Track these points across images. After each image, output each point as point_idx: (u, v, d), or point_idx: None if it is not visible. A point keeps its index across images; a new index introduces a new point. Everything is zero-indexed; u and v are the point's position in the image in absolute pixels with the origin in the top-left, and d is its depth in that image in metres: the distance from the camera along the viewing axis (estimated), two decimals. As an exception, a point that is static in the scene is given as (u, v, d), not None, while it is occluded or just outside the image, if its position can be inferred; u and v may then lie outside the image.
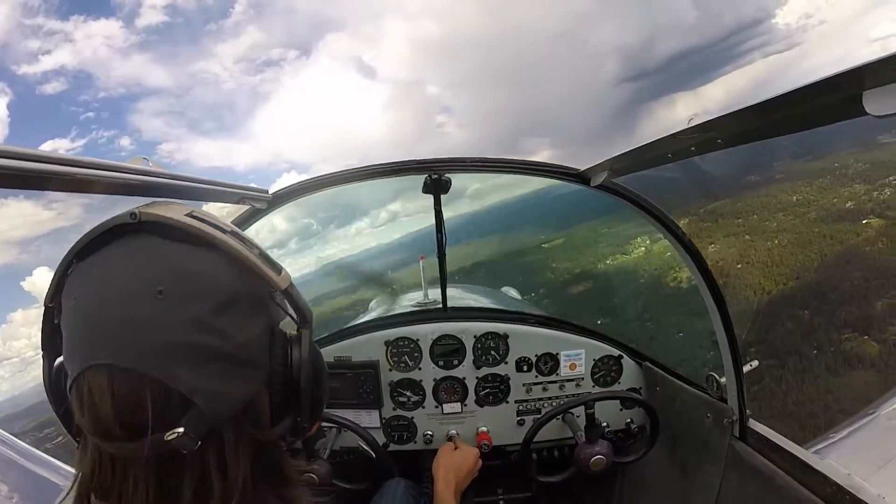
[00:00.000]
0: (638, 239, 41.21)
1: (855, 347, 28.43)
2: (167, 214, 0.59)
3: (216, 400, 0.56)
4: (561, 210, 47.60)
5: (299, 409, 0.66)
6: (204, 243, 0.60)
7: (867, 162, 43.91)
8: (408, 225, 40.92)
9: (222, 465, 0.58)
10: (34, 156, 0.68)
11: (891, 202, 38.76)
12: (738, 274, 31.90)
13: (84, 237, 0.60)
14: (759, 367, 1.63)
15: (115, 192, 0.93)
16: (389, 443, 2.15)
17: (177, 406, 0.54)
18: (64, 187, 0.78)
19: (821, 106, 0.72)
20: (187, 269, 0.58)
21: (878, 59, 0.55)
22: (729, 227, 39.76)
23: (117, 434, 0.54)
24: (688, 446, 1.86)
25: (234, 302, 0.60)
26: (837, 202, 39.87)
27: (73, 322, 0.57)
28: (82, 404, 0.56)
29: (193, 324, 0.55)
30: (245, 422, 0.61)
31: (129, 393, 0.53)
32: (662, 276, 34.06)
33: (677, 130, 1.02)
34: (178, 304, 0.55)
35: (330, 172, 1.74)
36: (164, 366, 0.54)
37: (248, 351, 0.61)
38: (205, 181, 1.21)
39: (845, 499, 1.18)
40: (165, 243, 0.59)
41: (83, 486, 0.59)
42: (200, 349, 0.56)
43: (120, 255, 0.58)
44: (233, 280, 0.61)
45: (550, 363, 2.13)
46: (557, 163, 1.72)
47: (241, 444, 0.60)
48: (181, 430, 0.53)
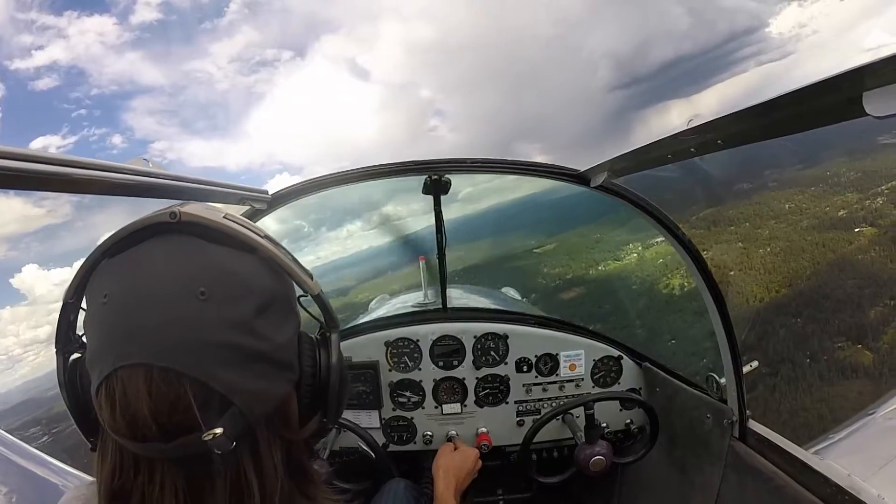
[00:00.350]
0: (630, 245, 41.38)
1: (849, 356, 28.45)
2: (206, 216, 0.60)
3: (254, 400, 0.56)
4: (554, 215, 47.68)
5: (326, 410, 0.67)
6: (243, 246, 0.61)
7: (859, 171, 44.23)
8: (398, 229, 41.55)
9: (258, 465, 0.58)
10: (34, 156, 0.68)
11: (883, 211, 39.02)
12: (730, 281, 31.87)
13: (117, 233, 0.60)
14: (752, 374, 1.63)
15: (115, 192, 0.93)
16: (389, 443, 2.15)
17: (216, 406, 0.54)
18: (64, 188, 0.78)
19: (821, 107, 0.72)
20: (228, 271, 0.58)
21: (878, 60, 0.55)
22: (721, 234, 39.98)
23: (153, 434, 0.53)
24: (687, 447, 1.86)
25: (271, 304, 0.61)
26: (830, 210, 40.17)
27: (105, 319, 0.56)
28: (114, 404, 0.54)
29: (235, 325, 0.56)
30: (278, 422, 0.62)
31: (168, 393, 0.53)
32: (655, 282, 34.13)
33: (677, 131, 1.02)
34: (219, 304, 0.55)
35: (330, 173, 1.74)
36: (205, 366, 0.53)
37: (284, 352, 0.62)
38: (205, 181, 1.21)
39: (845, 499, 1.18)
40: (205, 244, 0.59)
41: (105, 488, 0.58)
42: (241, 350, 0.56)
43: (159, 253, 0.58)
44: (271, 283, 0.62)
45: (550, 364, 2.13)
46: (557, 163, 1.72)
47: (274, 445, 0.60)
48: (220, 430, 0.53)
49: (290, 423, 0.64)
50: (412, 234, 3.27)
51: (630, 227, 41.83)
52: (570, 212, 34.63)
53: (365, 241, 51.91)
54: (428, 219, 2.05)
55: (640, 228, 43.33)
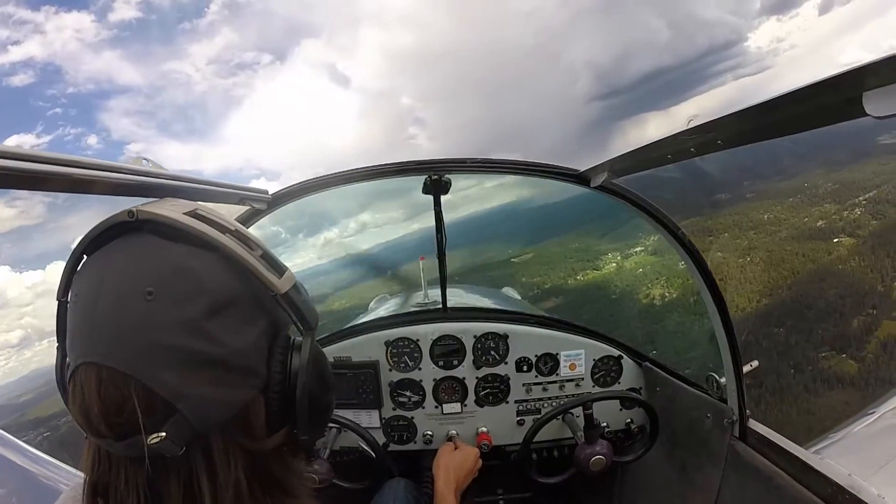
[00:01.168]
0: (609, 255, 41.47)
1: (833, 366, 28.39)
2: (165, 213, 0.59)
3: (203, 406, 0.55)
4: (532, 224, 47.61)
5: (296, 420, 0.63)
6: (201, 244, 0.59)
7: (836, 182, 44.39)
8: (378, 235, 40.92)
9: (211, 473, 0.56)
10: (34, 156, 0.68)
11: (861, 221, 39.13)
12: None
13: (88, 234, 0.60)
14: (752, 373, 1.63)
15: (115, 192, 0.92)
16: (389, 443, 2.15)
17: (160, 410, 0.53)
18: (64, 187, 0.78)
19: (821, 107, 0.72)
20: (180, 270, 0.56)
21: (879, 60, 0.55)
22: (700, 244, 40.25)
23: (105, 432, 0.54)
24: (688, 446, 1.86)
25: (229, 305, 0.58)
26: (808, 221, 40.27)
27: (72, 318, 0.58)
28: (75, 400, 0.56)
29: (182, 327, 0.54)
30: (236, 430, 0.59)
31: (114, 393, 0.53)
32: (634, 292, 34.13)
33: (677, 131, 1.02)
34: (167, 305, 0.54)
35: (329, 173, 1.74)
36: (150, 369, 0.53)
37: (243, 357, 0.59)
38: (205, 181, 1.21)
39: (845, 499, 1.18)
40: (162, 242, 0.58)
41: (87, 479, 0.59)
42: (188, 353, 0.54)
43: (117, 253, 0.58)
44: (230, 282, 0.59)
45: (550, 363, 2.13)
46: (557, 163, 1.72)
47: (232, 452, 0.58)
48: (163, 434, 0.52)
49: (253, 432, 0.61)
50: (411, 234, 3.28)
51: (609, 237, 41.78)
52: (549, 221, 34.85)
53: (359, 242, 52.01)
54: (397, 228, 2.04)
55: (619, 238, 43.40)
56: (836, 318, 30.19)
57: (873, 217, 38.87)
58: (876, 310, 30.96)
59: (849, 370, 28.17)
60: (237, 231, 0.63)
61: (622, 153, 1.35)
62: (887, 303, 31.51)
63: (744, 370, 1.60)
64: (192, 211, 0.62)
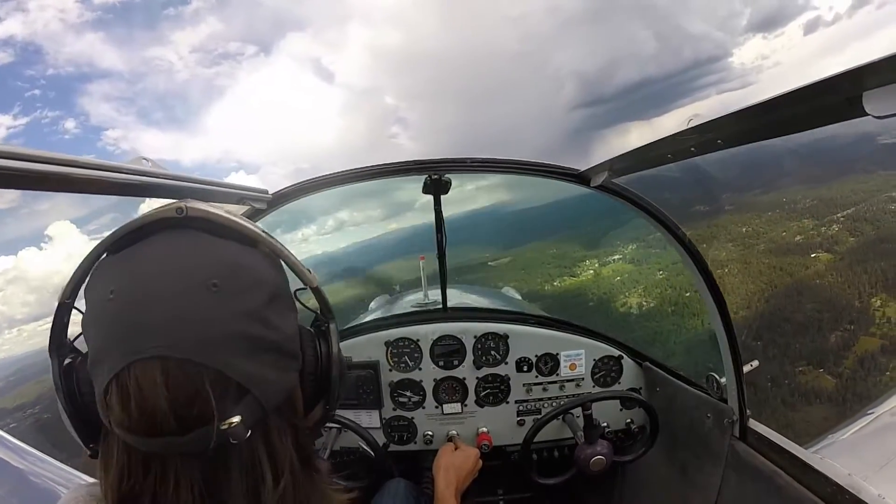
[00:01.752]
0: (587, 262, 41.48)
1: (811, 381, 28.28)
2: (212, 211, 0.61)
3: (269, 388, 0.58)
4: (510, 228, 47.47)
5: (328, 398, 0.70)
6: (247, 240, 0.63)
7: (815, 198, 44.52)
8: (355, 234, 40.72)
9: (271, 452, 0.59)
10: (34, 156, 0.68)
11: (839, 238, 39.19)
12: (686, 302, 31.96)
13: (119, 230, 0.60)
14: (752, 373, 1.64)
15: (115, 192, 0.93)
16: (389, 443, 2.15)
17: (233, 395, 0.55)
18: (63, 187, 0.78)
19: (821, 106, 0.71)
20: (237, 264, 0.59)
21: (879, 60, 0.55)
22: (676, 254, 40.36)
23: (170, 427, 0.53)
24: (688, 446, 1.86)
25: (278, 296, 0.62)
26: (787, 235, 40.26)
27: (113, 316, 0.55)
28: (128, 399, 0.53)
29: (247, 315, 0.57)
30: (288, 410, 0.63)
31: (186, 384, 0.53)
32: (612, 300, 34.09)
33: (677, 131, 1.02)
34: (232, 296, 0.56)
35: (329, 173, 1.73)
36: (221, 356, 0.54)
37: (292, 342, 0.64)
38: (205, 181, 1.21)
39: (845, 499, 1.18)
40: (212, 239, 0.60)
41: (112, 493, 0.57)
42: (254, 339, 0.57)
43: (167, 248, 0.58)
44: (275, 275, 0.64)
45: (550, 363, 2.13)
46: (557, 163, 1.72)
47: (284, 432, 0.62)
48: (238, 418, 0.54)
49: (298, 410, 0.66)
50: (410, 234, 3.29)
51: (586, 244, 41.71)
52: (527, 226, 34.82)
53: (310, 248, 52.11)
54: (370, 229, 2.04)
55: (596, 245, 43.21)
56: (814, 332, 30.13)
57: (850, 234, 39.01)
58: (853, 325, 31.02)
59: (826, 385, 28.10)
60: (266, 232, 0.67)
61: (622, 153, 1.35)
62: (864, 319, 31.60)
63: (744, 370, 1.60)
64: (227, 211, 0.64)
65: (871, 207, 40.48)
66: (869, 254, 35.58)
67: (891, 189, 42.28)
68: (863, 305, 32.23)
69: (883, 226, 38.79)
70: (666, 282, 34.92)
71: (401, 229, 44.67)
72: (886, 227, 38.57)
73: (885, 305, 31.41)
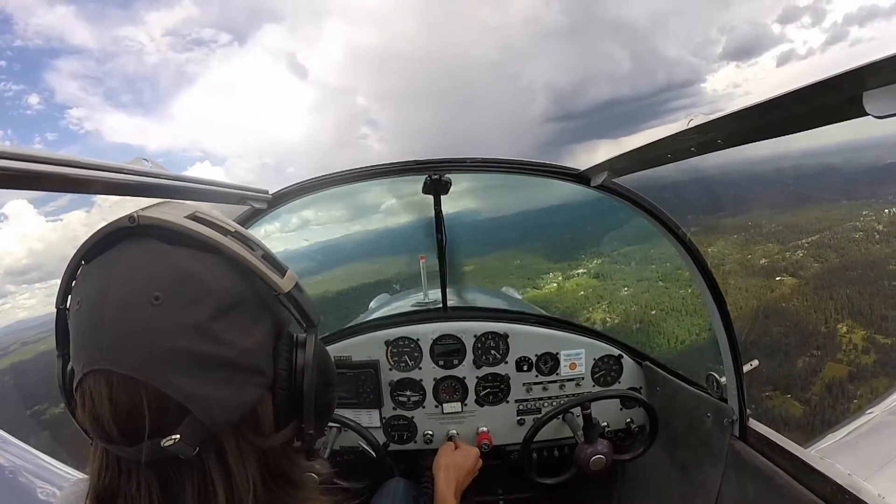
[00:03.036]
0: (550, 274, 41.35)
1: (777, 406, 28.06)
2: (166, 217, 0.59)
3: (214, 407, 0.56)
4: (474, 237, 47.71)
5: (302, 416, 0.65)
6: (204, 247, 0.59)
7: (780, 224, 44.16)
8: (317, 233, 40.12)
9: (226, 472, 0.58)
10: (34, 156, 0.68)
11: (804, 263, 38.54)
12: (651, 320, 31.65)
13: (88, 240, 0.60)
14: (752, 373, 1.64)
15: (115, 192, 0.93)
16: (389, 442, 2.15)
17: (172, 413, 0.54)
18: (64, 187, 0.78)
19: (821, 106, 0.71)
20: (185, 274, 0.57)
21: (879, 60, 0.55)
22: (642, 271, 39.08)
23: (117, 438, 0.55)
24: (688, 446, 1.86)
25: (236, 306, 0.59)
26: (752, 258, 39.27)
27: (76, 325, 0.58)
28: (84, 407, 0.56)
29: (191, 330, 0.55)
30: (246, 429, 0.60)
31: (126, 399, 0.54)
32: (575, 314, 33.90)
33: (677, 131, 1.02)
34: (174, 309, 0.54)
35: (328, 173, 1.74)
36: (161, 373, 0.53)
37: (250, 357, 0.60)
38: (204, 181, 1.21)
39: (845, 499, 1.18)
40: (164, 247, 0.58)
41: (92, 486, 0.59)
42: (198, 356, 0.55)
43: (119, 259, 0.58)
44: (234, 284, 0.60)
45: (550, 363, 2.13)
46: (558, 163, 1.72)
47: (244, 450, 0.59)
48: (177, 436, 0.53)
49: (262, 429, 0.62)
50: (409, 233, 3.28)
51: (550, 257, 41.42)
52: (491, 235, 34.57)
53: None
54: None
55: (560, 259, 42.95)
56: (781, 357, 29.34)
57: (815, 260, 38.51)
58: (820, 351, 30.53)
59: (794, 412, 27.73)
60: (237, 232, 0.63)
61: (622, 152, 1.35)
62: (831, 345, 31.11)
63: (744, 370, 1.60)
64: (192, 214, 0.61)
65: (835, 235, 40.30)
66: (834, 280, 35.39)
67: (855, 218, 41.97)
68: (829, 331, 31.80)
69: (847, 254, 38.75)
70: (631, 299, 34.44)
71: (365, 230, 43.59)
72: (851, 255, 38.52)
73: (852, 332, 31.15)
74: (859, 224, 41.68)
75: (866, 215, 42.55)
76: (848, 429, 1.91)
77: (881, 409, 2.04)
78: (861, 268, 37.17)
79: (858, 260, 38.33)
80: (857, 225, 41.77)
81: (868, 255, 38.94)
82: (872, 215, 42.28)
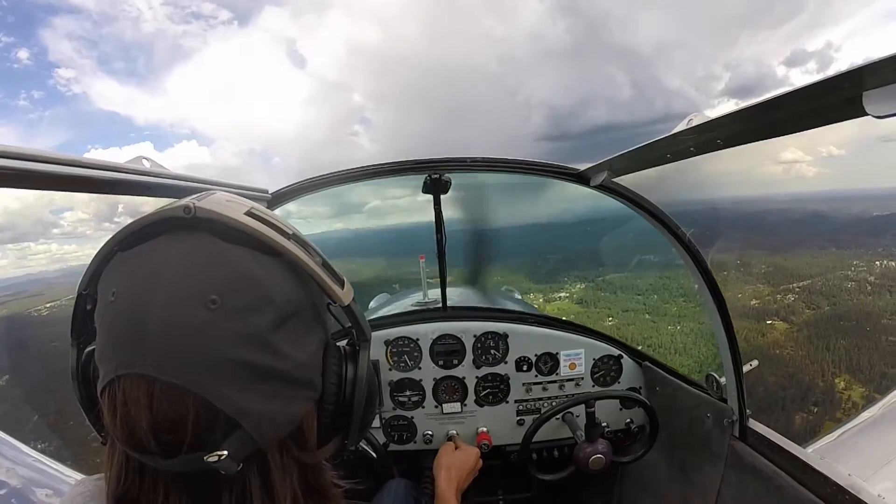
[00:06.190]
0: (531, 295, 41.11)
1: None
2: (225, 212, 0.54)
3: (265, 422, 0.52)
4: (453, 249, 47.38)
5: (347, 431, 0.62)
6: (265, 248, 0.54)
7: (770, 265, 43.64)
8: (316, 233, 39.50)
9: (268, 488, 0.54)
10: (34, 156, 0.68)
11: (795, 308, 37.91)
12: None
13: (130, 226, 0.54)
14: (752, 373, 1.63)
15: (115, 191, 0.93)
16: (389, 442, 2.15)
17: (221, 427, 0.50)
18: (64, 187, 0.78)
19: (821, 106, 0.71)
20: (245, 277, 0.52)
21: (879, 60, 0.55)
22: (627, 301, 38.31)
23: (152, 448, 0.50)
24: (688, 446, 1.86)
25: (293, 316, 0.55)
26: (742, 298, 38.30)
27: (111, 319, 0.52)
28: (115, 411, 0.51)
29: (248, 339, 0.50)
30: (292, 444, 0.57)
31: (170, 410, 0.49)
32: None
33: (677, 131, 1.02)
34: (232, 315, 0.50)
35: (329, 172, 1.74)
36: (211, 383, 0.49)
37: (304, 370, 0.57)
38: (204, 181, 1.21)
39: (845, 499, 1.18)
40: (222, 244, 0.53)
41: (111, 491, 0.55)
42: (253, 368, 0.51)
43: (170, 252, 0.52)
44: (294, 291, 0.56)
45: (550, 363, 2.13)
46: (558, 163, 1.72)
47: (287, 466, 0.56)
48: (224, 453, 0.49)
49: (307, 444, 0.59)
50: (409, 233, 3.28)
51: (532, 276, 41.03)
52: (466, 245, 34.06)
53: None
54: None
55: (542, 280, 42.14)
56: (778, 412, 28.14)
57: (807, 306, 38.08)
58: (818, 408, 29.39)
59: None
60: (296, 235, 0.58)
61: (622, 152, 1.35)
62: (830, 402, 30.06)
63: (744, 370, 1.60)
64: (250, 210, 0.56)
65: (826, 283, 40.09)
66: (829, 330, 34.75)
67: (846, 267, 41.96)
68: (827, 385, 30.96)
69: (840, 303, 38.47)
70: (616, 330, 33.04)
71: (334, 230, 43.14)
72: (843, 304, 38.24)
73: (850, 388, 30.41)
74: (850, 273, 41.69)
75: (857, 265, 42.63)
76: (848, 429, 1.91)
77: (880, 410, 2.04)
78: (855, 318, 36.76)
79: (852, 310, 38.04)
80: (848, 274, 41.78)
81: (861, 305, 38.72)
82: (864, 266, 42.33)
